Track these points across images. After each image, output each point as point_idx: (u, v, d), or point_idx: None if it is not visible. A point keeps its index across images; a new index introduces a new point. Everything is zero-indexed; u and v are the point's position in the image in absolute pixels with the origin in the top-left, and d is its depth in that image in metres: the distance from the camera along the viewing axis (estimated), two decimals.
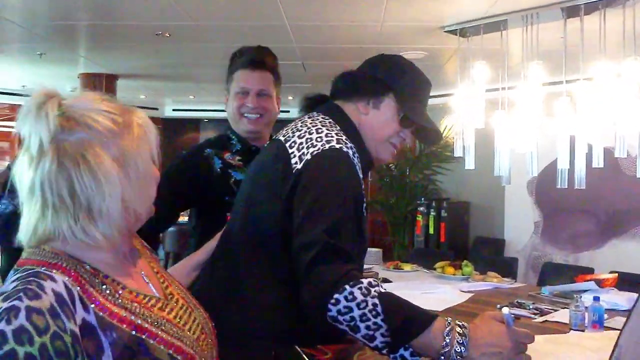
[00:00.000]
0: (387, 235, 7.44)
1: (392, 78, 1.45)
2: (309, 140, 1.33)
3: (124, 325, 0.93)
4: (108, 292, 0.96)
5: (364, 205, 1.35)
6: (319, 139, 1.32)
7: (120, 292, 0.98)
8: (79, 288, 0.92)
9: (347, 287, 1.12)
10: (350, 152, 1.32)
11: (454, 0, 3.50)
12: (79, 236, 0.95)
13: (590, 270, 4.25)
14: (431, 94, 5.47)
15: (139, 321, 0.96)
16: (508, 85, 3.78)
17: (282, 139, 1.39)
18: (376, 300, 1.11)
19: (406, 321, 1.12)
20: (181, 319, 1.06)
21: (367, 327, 1.11)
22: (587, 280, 3.61)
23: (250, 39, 4.41)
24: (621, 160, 4.96)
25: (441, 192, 7.14)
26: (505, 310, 1.15)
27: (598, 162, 3.21)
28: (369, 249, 4.26)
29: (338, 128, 1.40)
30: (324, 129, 1.36)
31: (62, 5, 3.94)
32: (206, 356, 1.07)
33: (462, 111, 3.80)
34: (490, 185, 6.63)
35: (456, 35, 3.99)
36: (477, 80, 3.75)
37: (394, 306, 1.12)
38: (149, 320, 0.98)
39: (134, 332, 0.94)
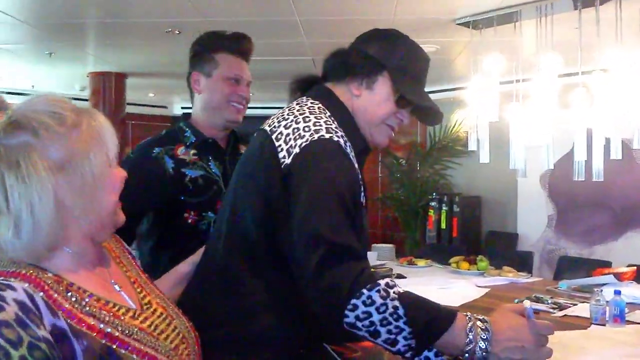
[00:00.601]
0: (398, 231, 7.40)
1: (386, 55, 1.34)
2: (296, 130, 1.23)
3: (94, 333, 0.90)
4: (74, 299, 0.92)
5: (362, 194, 1.28)
6: (306, 129, 1.22)
7: (86, 299, 0.94)
8: (42, 293, 0.88)
9: (364, 290, 1.05)
10: (342, 140, 1.23)
11: None
12: (18, 247, 0.90)
13: (608, 264, 4.21)
14: (442, 87, 5.47)
15: (109, 329, 0.92)
16: (522, 78, 3.73)
17: (267, 129, 1.29)
18: (396, 303, 1.06)
19: (429, 322, 1.06)
20: (157, 328, 1.01)
21: (389, 332, 1.05)
22: (605, 274, 3.57)
23: (261, 34, 4.39)
24: (636, 152, 4.90)
25: (452, 186, 7.10)
26: (527, 303, 1.13)
27: (616, 153, 3.17)
28: (382, 245, 4.25)
29: (328, 114, 1.29)
30: (311, 116, 1.26)
31: (71, 4, 3.93)
32: None
33: (476, 104, 3.76)
34: (503, 179, 6.58)
35: (469, 27, 3.94)
36: (491, 72, 3.70)
37: (415, 307, 1.07)
38: (120, 329, 0.94)
39: (104, 341, 0.90)
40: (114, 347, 0.91)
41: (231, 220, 1.29)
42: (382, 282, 1.07)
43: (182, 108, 9.11)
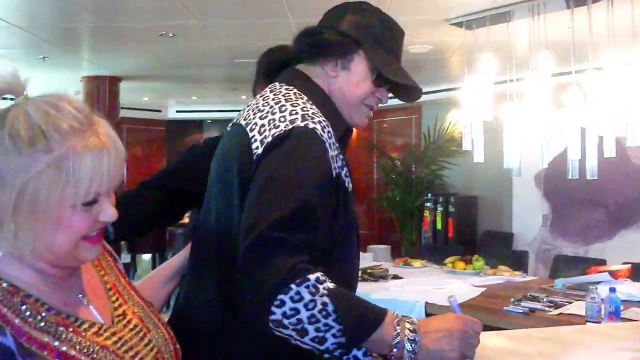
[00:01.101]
0: (394, 232, 7.42)
1: (360, 32, 1.27)
2: (272, 121, 1.15)
3: (45, 352, 0.84)
4: (28, 313, 0.86)
5: (346, 182, 1.21)
6: (282, 119, 1.15)
7: (43, 314, 0.87)
8: None
9: (293, 286, 0.98)
10: (319, 126, 1.14)
11: None
12: None
13: (602, 262, 4.22)
14: (437, 87, 5.48)
15: (64, 347, 0.86)
16: (516, 77, 3.75)
17: (243, 122, 1.22)
18: (326, 299, 0.99)
19: (360, 319, 1.01)
20: (125, 344, 0.95)
21: (317, 329, 0.99)
22: (600, 272, 3.58)
23: (254, 36, 4.40)
24: (630, 150, 4.92)
25: (448, 187, 7.12)
26: (452, 297, 1.12)
27: (610, 152, 3.18)
28: (378, 246, 4.24)
29: (305, 99, 1.22)
30: (287, 104, 1.18)
31: (65, 8, 3.93)
32: None
33: (470, 104, 3.77)
34: (498, 179, 6.60)
35: (462, 27, 3.96)
36: (485, 72, 3.72)
37: (345, 304, 1.01)
38: (78, 347, 0.87)
39: None
40: None
41: (213, 217, 1.25)
42: (312, 276, 1.00)
43: (177, 112, 9.12)
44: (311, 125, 1.13)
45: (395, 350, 0.99)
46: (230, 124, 1.29)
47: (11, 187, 0.84)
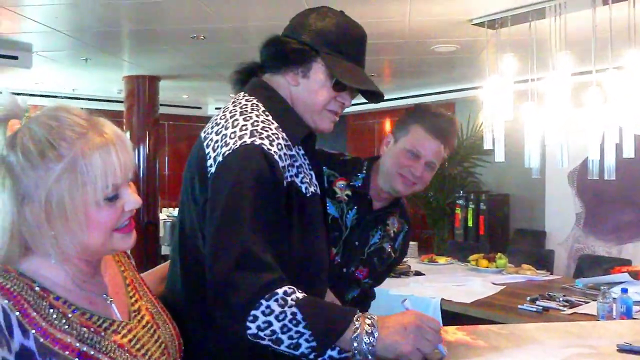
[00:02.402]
0: (426, 229, 7.43)
1: (317, 39, 1.29)
2: (224, 137, 1.21)
3: (67, 352, 0.92)
4: (55, 316, 0.94)
5: (303, 188, 1.27)
6: (232, 135, 1.20)
7: (69, 315, 0.96)
8: (18, 313, 0.91)
9: (262, 301, 1.07)
10: (267, 141, 1.19)
11: None
12: None
13: (628, 262, 4.16)
14: (469, 85, 5.49)
15: (85, 348, 0.94)
16: (538, 77, 3.74)
17: (202, 135, 1.29)
18: (294, 309, 1.08)
19: (328, 322, 1.09)
20: (138, 342, 1.04)
21: (290, 337, 1.08)
22: (622, 272, 3.55)
23: None
24: None
25: (480, 184, 7.08)
26: (406, 301, 1.21)
27: (629, 152, 3.16)
28: None
29: (262, 109, 1.27)
30: (240, 119, 1.24)
31: (105, 14, 4.16)
32: None
33: (491, 103, 3.79)
34: (530, 177, 6.49)
35: (484, 27, 3.97)
36: (506, 72, 3.73)
37: (313, 311, 1.09)
38: (97, 347, 0.96)
39: (77, 359, 0.93)
40: None
41: (180, 220, 1.34)
42: (280, 290, 1.09)
43: (216, 109, 9.35)
44: (258, 142, 1.18)
45: (355, 344, 1.07)
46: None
47: (38, 199, 0.94)
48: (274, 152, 1.20)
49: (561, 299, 3.29)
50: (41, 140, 0.94)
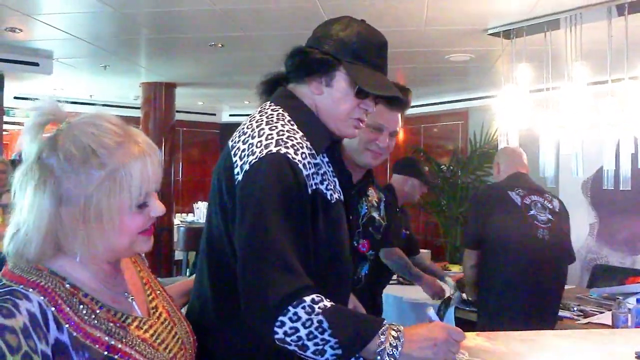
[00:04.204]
0: (439, 237, 7.43)
1: (339, 49, 1.33)
2: (250, 146, 1.26)
3: (97, 346, 0.97)
4: (84, 312, 0.99)
5: (327, 195, 1.30)
6: (259, 144, 1.25)
7: (97, 311, 1.01)
8: (54, 308, 0.95)
9: (290, 308, 1.11)
10: (292, 150, 1.24)
11: (496, 2, 3.52)
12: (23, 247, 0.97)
13: None
14: (478, 95, 5.50)
15: (113, 342, 0.99)
16: (553, 86, 3.76)
17: (230, 144, 1.33)
18: (321, 317, 1.11)
19: (354, 332, 1.12)
20: (159, 337, 1.09)
21: (316, 344, 1.11)
22: (638, 283, 3.55)
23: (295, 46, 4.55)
24: None
25: None
26: (430, 309, 1.22)
27: None
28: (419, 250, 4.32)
29: (287, 119, 1.32)
30: (266, 128, 1.28)
31: (124, 22, 4.23)
32: None
33: (506, 112, 3.81)
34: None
35: (499, 37, 4.00)
36: (521, 81, 3.75)
37: (340, 320, 1.12)
38: (124, 341, 1.01)
39: (106, 353, 0.97)
40: (116, 357, 0.99)
41: (207, 226, 1.38)
42: (308, 298, 1.13)
43: (230, 115, 9.42)
44: (283, 150, 1.23)
45: (379, 357, 1.10)
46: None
47: (76, 202, 0.99)
48: (299, 160, 1.24)
49: (575, 309, 3.29)
50: (85, 146, 0.99)
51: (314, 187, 1.28)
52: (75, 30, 4.44)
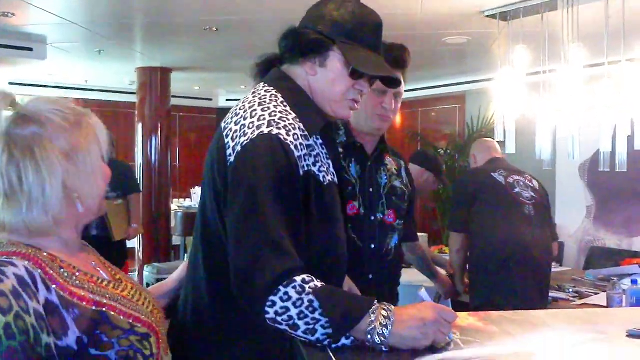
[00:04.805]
0: (436, 220, 7.46)
1: (333, 29, 1.31)
2: (242, 127, 1.25)
3: (84, 303, 1.03)
4: (66, 275, 1.05)
5: (320, 176, 1.30)
6: (251, 125, 1.24)
7: (76, 274, 1.07)
8: (40, 271, 1.01)
9: (281, 288, 1.11)
10: (284, 131, 1.23)
11: None
12: (27, 222, 1.04)
13: (638, 255, 4.18)
14: (476, 78, 5.46)
15: (98, 298, 1.06)
16: (550, 69, 3.74)
17: (222, 125, 1.33)
18: (311, 297, 1.11)
19: (346, 311, 1.11)
20: (134, 296, 1.16)
21: (307, 323, 1.11)
22: (633, 264, 3.57)
23: None
24: None
25: None
26: (422, 289, 1.21)
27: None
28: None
29: (280, 100, 1.31)
30: (258, 109, 1.27)
31: (120, 7, 4.20)
32: (162, 328, 1.19)
33: (503, 96, 3.80)
34: (541, 170, 6.47)
35: (496, 19, 3.97)
36: (517, 64, 3.73)
37: (330, 299, 1.12)
38: (107, 296, 1.08)
39: (94, 308, 1.04)
40: (104, 310, 1.05)
41: (201, 207, 1.38)
42: (299, 278, 1.13)
43: (227, 100, 9.38)
44: (275, 132, 1.22)
45: (369, 336, 1.10)
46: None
47: (78, 158, 1.10)
48: (291, 141, 1.24)
49: (571, 290, 3.31)
50: (55, 110, 1.11)
51: (306, 168, 1.28)
52: (69, 14, 4.39)
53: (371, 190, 1.90)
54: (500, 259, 2.73)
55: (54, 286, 1.01)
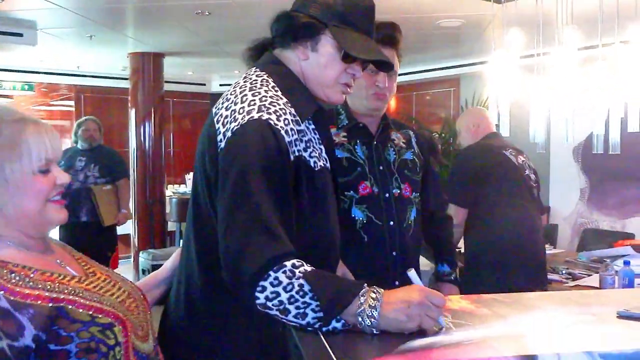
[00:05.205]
0: None
1: (325, 12, 1.31)
2: (233, 112, 1.25)
3: (39, 301, 1.04)
4: (17, 278, 1.06)
5: (311, 162, 1.29)
6: (241, 110, 1.24)
7: (31, 275, 1.08)
8: None
9: (271, 273, 1.11)
10: (274, 116, 1.23)
11: None
12: None
13: (631, 236, 4.21)
14: (470, 61, 5.45)
15: (54, 294, 1.07)
16: (544, 51, 3.72)
17: (213, 111, 1.33)
18: (302, 281, 1.11)
19: (336, 294, 1.11)
20: (102, 288, 1.16)
21: (297, 307, 1.11)
22: (626, 246, 3.60)
23: None
24: None
25: None
26: (411, 270, 1.19)
27: (633, 126, 3.16)
28: None
29: (271, 85, 1.30)
30: (249, 94, 1.27)
31: None
32: (138, 317, 1.19)
33: (497, 79, 3.78)
34: (535, 152, 6.49)
35: (490, 1, 3.94)
36: (511, 46, 3.71)
37: (321, 283, 1.12)
38: (65, 291, 1.09)
39: (51, 304, 1.05)
40: (62, 304, 1.06)
41: (193, 194, 1.39)
42: (289, 263, 1.13)
43: (220, 85, 9.32)
44: (265, 117, 1.22)
45: (359, 319, 1.10)
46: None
47: None
48: (281, 127, 1.23)
49: (564, 272, 3.34)
50: None
51: (297, 153, 1.27)
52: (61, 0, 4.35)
53: (381, 168, 1.91)
54: (510, 239, 2.72)
55: (1, 292, 1.02)
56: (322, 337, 1.10)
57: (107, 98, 8.15)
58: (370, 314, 1.09)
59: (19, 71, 7.32)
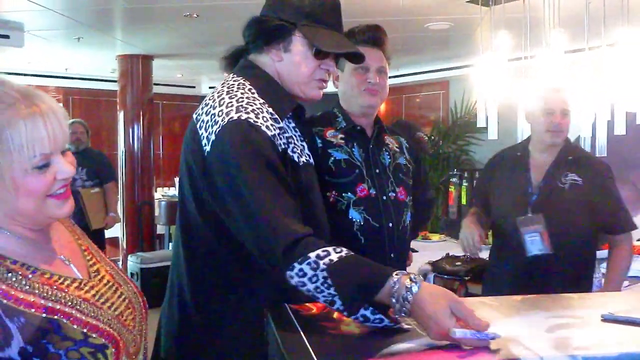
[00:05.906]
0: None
1: (293, 13, 1.37)
2: (213, 116, 1.29)
3: (33, 310, 0.95)
4: (14, 279, 0.97)
5: (294, 157, 1.34)
6: (220, 113, 1.28)
7: (30, 276, 0.99)
8: None
9: (295, 264, 1.15)
10: (252, 115, 1.27)
11: None
12: None
13: None
14: (459, 64, 5.46)
15: (50, 304, 0.98)
16: (532, 54, 3.74)
17: (194, 117, 1.37)
18: (325, 274, 1.13)
19: (357, 290, 1.12)
20: (102, 296, 1.08)
21: (325, 297, 1.15)
22: None
23: None
24: None
25: (475, 162, 7.11)
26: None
27: (620, 129, 3.19)
28: None
29: (247, 87, 1.35)
30: (226, 97, 1.31)
31: None
32: (132, 332, 1.10)
33: (485, 81, 3.80)
34: None
35: (478, 4, 3.96)
36: (499, 49, 3.73)
37: (343, 277, 1.13)
38: (63, 301, 0.99)
39: (44, 315, 0.96)
40: (56, 317, 0.97)
41: (180, 198, 1.42)
42: (313, 254, 1.15)
43: (210, 88, 9.30)
44: (244, 116, 1.27)
45: (393, 300, 1.09)
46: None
47: None
48: (260, 123, 1.28)
49: None
50: None
51: (282, 146, 1.31)
52: (46, 1, 4.30)
53: (377, 171, 1.93)
54: None
55: None
56: (305, 340, 1.10)
57: (95, 100, 8.10)
58: (405, 292, 1.08)
59: (6, 73, 7.25)
